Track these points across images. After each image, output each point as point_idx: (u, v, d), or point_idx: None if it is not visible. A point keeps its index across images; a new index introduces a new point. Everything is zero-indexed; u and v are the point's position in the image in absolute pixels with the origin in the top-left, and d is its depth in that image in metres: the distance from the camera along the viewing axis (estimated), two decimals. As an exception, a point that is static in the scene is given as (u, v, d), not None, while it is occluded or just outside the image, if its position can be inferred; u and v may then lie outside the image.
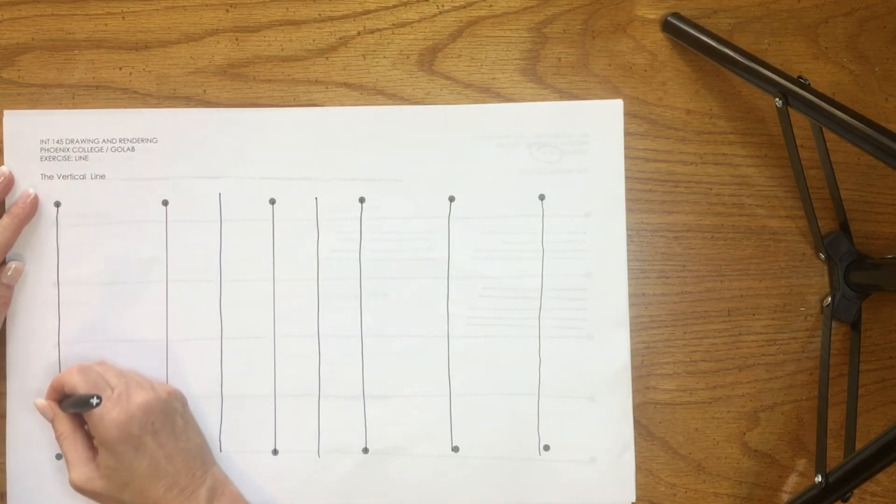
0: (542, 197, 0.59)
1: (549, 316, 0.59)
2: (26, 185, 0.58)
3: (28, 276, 0.58)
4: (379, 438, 0.59)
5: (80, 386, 0.53)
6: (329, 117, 0.59)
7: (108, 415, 0.52)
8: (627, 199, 0.59)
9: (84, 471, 0.53)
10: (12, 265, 0.57)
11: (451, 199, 0.59)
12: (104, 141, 0.58)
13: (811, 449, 0.61)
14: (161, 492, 0.52)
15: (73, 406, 0.54)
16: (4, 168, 0.58)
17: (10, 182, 0.57)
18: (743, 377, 0.61)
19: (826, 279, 0.61)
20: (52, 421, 0.55)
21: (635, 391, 0.60)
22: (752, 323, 0.61)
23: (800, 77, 0.54)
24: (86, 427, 0.54)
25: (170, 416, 0.55)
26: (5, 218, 0.56)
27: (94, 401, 0.52)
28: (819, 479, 0.52)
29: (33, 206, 0.57)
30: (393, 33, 0.60)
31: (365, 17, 0.60)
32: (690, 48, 0.60)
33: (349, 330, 0.59)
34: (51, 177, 0.58)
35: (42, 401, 0.56)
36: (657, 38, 0.61)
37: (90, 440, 0.54)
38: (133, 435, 0.52)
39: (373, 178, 0.59)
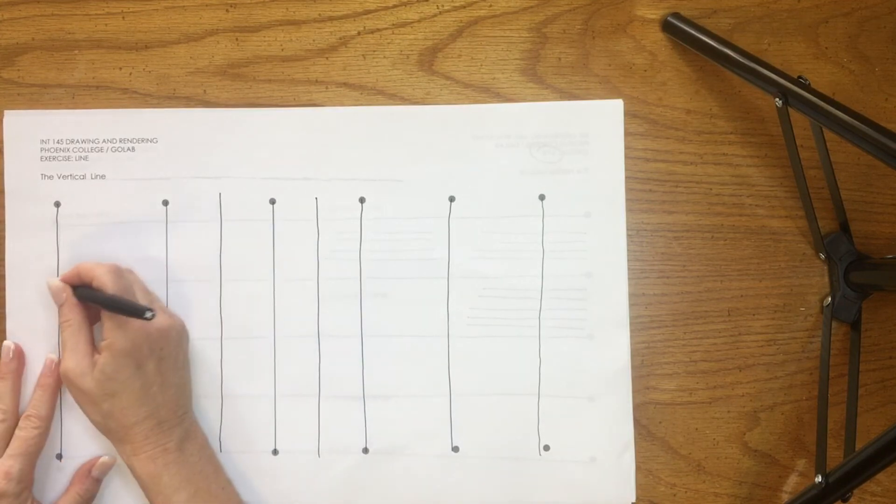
0: (542, 197, 0.59)
1: (549, 316, 0.59)
2: (26, 184, 0.58)
3: (28, 276, 0.58)
4: (379, 438, 0.59)
5: (108, 286, 0.53)
6: (329, 117, 0.59)
7: (131, 325, 0.52)
8: (627, 199, 0.59)
9: (81, 364, 0.52)
10: (102, 458, 0.56)
11: (451, 199, 0.59)
12: (104, 141, 0.58)
13: (811, 449, 0.61)
14: (140, 417, 0.52)
15: (118, 307, 0.52)
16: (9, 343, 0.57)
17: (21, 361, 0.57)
18: (743, 377, 0.61)
19: (826, 279, 0.61)
20: (61, 305, 0.54)
21: (635, 391, 0.60)
22: (752, 323, 0.61)
23: (800, 77, 0.54)
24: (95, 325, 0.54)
25: (177, 348, 0.55)
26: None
27: (148, 314, 0.51)
28: (819, 479, 0.52)
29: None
30: (393, 33, 0.60)
31: (365, 17, 0.60)
32: (690, 48, 0.60)
33: (349, 330, 0.59)
34: (51, 177, 0.58)
35: (57, 281, 0.55)
36: (657, 38, 0.61)
37: (93, 336, 0.54)
38: (143, 353, 0.52)
39: (373, 178, 0.59)
